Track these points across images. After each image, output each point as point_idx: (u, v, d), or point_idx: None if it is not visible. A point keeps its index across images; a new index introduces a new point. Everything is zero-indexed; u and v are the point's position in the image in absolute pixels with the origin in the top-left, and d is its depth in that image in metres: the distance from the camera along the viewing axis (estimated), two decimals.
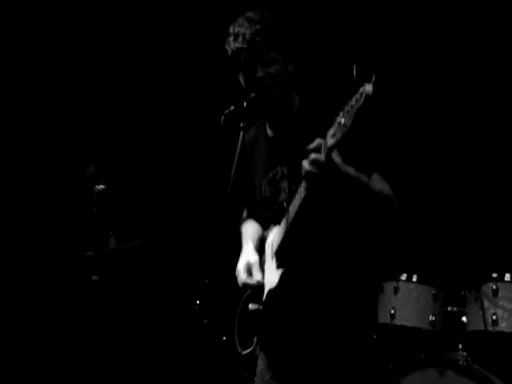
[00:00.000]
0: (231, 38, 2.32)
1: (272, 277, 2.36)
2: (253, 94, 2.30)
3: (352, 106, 1.85)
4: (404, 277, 3.83)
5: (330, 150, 1.95)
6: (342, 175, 2.03)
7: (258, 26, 2.28)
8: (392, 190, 2.23)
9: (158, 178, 4.97)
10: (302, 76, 2.49)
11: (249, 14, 2.34)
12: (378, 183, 2.19)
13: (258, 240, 2.55)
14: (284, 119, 2.41)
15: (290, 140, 2.36)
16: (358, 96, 1.84)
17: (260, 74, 2.29)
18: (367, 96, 1.81)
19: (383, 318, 3.82)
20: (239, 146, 2.26)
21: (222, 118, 2.30)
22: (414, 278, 3.81)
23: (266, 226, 2.51)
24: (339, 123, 1.89)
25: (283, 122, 2.42)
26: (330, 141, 1.93)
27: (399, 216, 2.25)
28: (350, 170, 2.06)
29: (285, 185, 2.39)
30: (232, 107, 2.31)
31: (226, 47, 2.36)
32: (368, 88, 1.81)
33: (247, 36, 2.28)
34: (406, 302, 3.78)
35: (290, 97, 2.41)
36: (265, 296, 2.38)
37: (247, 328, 2.45)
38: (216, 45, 2.52)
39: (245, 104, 2.28)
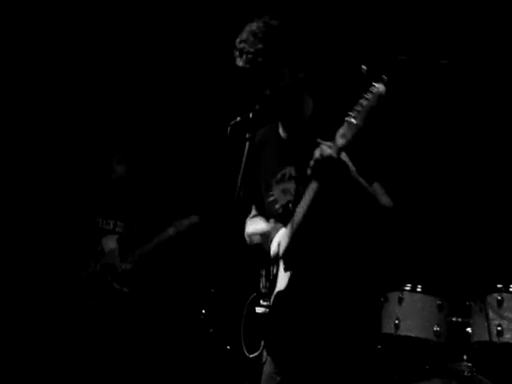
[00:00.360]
0: (237, 53, 2.34)
1: (279, 279, 2.37)
2: (258, 106, 2.32)
3: (363, 106, 1.87)
4: (408, 287, 3.82)
5: (340, 150, 1.98)
6: (351, 176, 2.07)
7: (260, 45, 2.28)
8: (392, 201, 2.27)
9: (167, 187, 5.00)
10: (316, 79, 2.51)
11: (254, 25, 2.32)
12: (380, 194, 2.23)
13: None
14: (296, 123, 2.43)
15: (301, 142, 2.38)
16: (369, 96, 1.86)
17: (266, 91, 2.31)
18: (380, 96, 1.83)
19: (387, 329, 3.81)
20: (245, 156, 2.29)
21: (229, 128, 2.33)
22: (419, 288, 3.81)
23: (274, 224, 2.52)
24: (350, 123, 1.91)
25: (295, 125, 2.44)
26: (340, 141, 1.96)
27: (398, 226, 2.28)
28: (357, 176, 2.10)
29: (291, 186, 2.41)
30: (238, 118, 2.33)
31: (235, 60, 2.38)
32: (381, 88, 1.83)
33: (250, 57, 2.29)
34: (410, 313, 3.78)
35: (301, 102, 2.43)
36: (272, 298, 2.39)
37: (254, 331, 2.46)
38: (228, 53, 2.53)
39: (251, 115, 2.30)
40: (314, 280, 2.33)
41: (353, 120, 1.90)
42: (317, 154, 2.03)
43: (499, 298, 3.54)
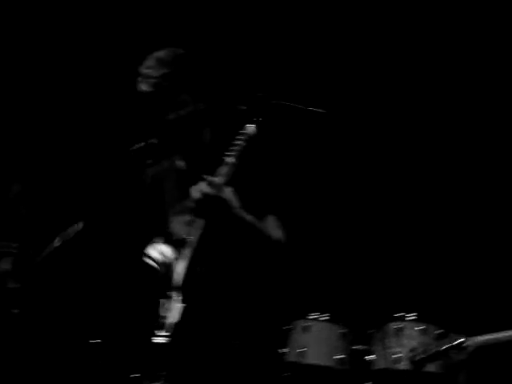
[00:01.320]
0: (140, 79, 2.38)
1: (174, 310, 2.39)
2: (161, 134, 2.36)
3: (237, 146, 2.01)
4: (313, 315, 3.91)
5: (220, 187, 2.07)
6: (232, 212, 2.14)
7: (165, 70, 2.34)
8: (284, 234, 2.35)
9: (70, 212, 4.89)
10: (215, 112, 2.57)
11: (159, 54, 2.38)
12: (270, 226, 2.30)
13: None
14: (195, 153, 2.48)
15: (199, 173, 2.43)
16: (241, 137, 2.00)
17: (170, 117, 2.36)
18: (250, 137, 1.98)
19: (293, 357, 3.87)
20: (145, 183, 2.32)
21: (130, 153, 2.35)
22: (324, 317, 3.90)
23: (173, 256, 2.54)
24: (226, 162, 2.03)
25: (194, 156, 2.48)
26: (219, 179, 2.06)
27: (287, 259, 2.36)
28: (241, 212, 2.17)
29: (191, 218, 2.44)
30: (140, 144, 2.36)
31: (137, 86, 2.41)
32: (250, 129, 1.98)
33: (155, 81, 2.34)
34: (315, 341, 3.85)
35: (200, 133, 2.48)
36: (171, 329, 2.39)
37: (152, 361, 2.45)
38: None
39: (153, 142, 2.34)
40: (209, 310, 2.36)
41: (229, 159, 2.03)
42: (196, 192, 2.11)
43: (398, 326, 3.70)
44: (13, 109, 4.91)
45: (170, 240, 2.52)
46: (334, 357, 3.82)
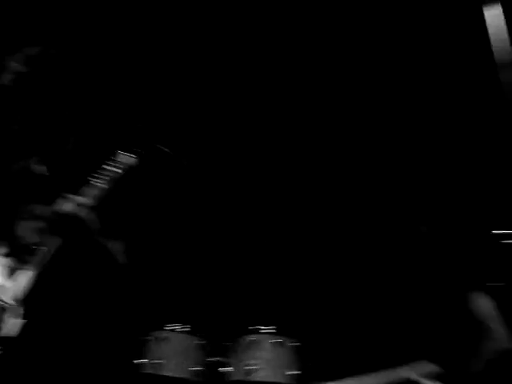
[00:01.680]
0: (4, 69, 2.29)
1: (15, 324, 2.29)
2: (9, 131, 2.27)
3: (110, 173, 2.00)
4: (170, 326, 3.89)
5: (83, 207, 2.05)
6: (90, 233, 2.13)
7: (26, 69, 2.27)
8: (126, 257, 2.37)
9: None
10: (81, 119, 2.50)
11: (28, 50, 2.31)
12: (117, 249, 2.31)
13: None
14: (55, 157, 2.40)
15: (56, 178, 2.36)
16: (116, 164, 2.01)
17: (18, 117, 2.28)
18: (129, 166, 1.99)
19: (149, 368, 3.83)
20: None
21: None
22: (180, 328, 3.90)
23: (16, 264, 2.44)
24: (96, 185, 2.02)
25: (54, 160, 2.40)
26: (85, 200, 2.05)
27: (145, 272, 2.38)
28: (97, 234, 2.16)
29: (39, 225, 2.36)
30: None
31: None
32: (127, 160, 2.00)
33: (12, 77, 2.26)
34: (171, 352, 3.83)
35: (66, 141, 2.41)
36: (4, 341, 2.29)
37: None
38: None
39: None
40: (55, 326, 2.31)
41: (99, 183, 2.03)
42: (58, 209, 2.08)
43: (253, 338, 3.78)
44: None
45: (14, 245, 2.42)
46: (190, 368, 3.83)
